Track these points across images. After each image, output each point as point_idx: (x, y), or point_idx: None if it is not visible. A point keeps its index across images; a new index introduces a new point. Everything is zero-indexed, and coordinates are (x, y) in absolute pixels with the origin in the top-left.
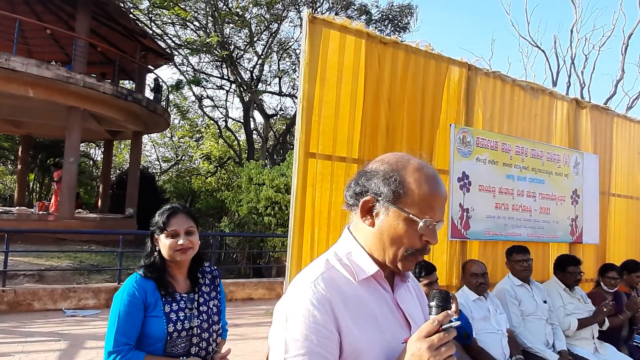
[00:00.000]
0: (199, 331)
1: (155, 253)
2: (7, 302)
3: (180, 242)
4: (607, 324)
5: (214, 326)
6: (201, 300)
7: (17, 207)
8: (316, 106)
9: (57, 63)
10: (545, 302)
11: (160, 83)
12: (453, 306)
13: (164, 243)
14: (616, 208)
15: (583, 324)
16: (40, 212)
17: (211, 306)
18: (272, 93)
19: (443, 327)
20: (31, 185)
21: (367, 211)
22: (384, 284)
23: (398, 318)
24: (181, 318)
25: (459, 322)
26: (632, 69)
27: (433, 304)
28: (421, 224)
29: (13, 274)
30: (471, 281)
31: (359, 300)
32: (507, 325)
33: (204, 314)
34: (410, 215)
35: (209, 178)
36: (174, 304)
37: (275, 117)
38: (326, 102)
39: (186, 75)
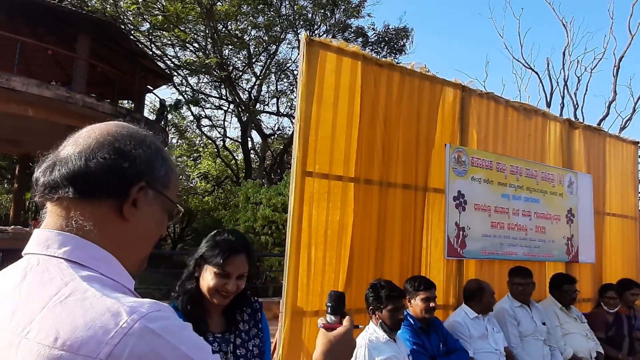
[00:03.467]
0: None
1: (193, 282)
2: None
3: (229, 287)
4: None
5: None
6: (238, 341)
7: (12, 227)
8: (313, 126)
9: (57, 83)
10: (544, 323)
11: (164, 106)
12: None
13: (208, 280)
14: (611, 227)
15: (610, 356)
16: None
17: (251, 347)
18: (270, 113)
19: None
20: (27, 204)
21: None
22: None
23: None
24: None
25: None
26: (624, 90)
27: (328, 303)
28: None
29: None
30: (491, 301)
31: None
32: (504, 344)
33: (241, 359)
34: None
35: (206, 197)
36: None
37: (272, 137)
38: (323, 121)
39: (185, 95)
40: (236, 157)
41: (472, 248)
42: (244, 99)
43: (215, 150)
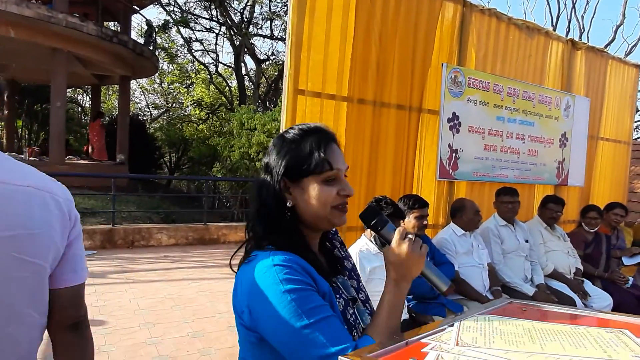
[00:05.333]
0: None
1: (287, 212)
2: None
3: (348, 190)
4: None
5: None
6: (354, 283)
7: (7, 154)
8: (305, 42)
9: (37, 1)
10: (527, 241)
11: (152, 27)
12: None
13: (319, 197)
14: (603, 152)
15: (587, 272)
16: (31, 158)
17: (364, 290)
18: (264, 37)
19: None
20: (20, 132)
21: None
22: None
23: None
24: (354, 317)
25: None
26: (633, 14)
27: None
28: None
29: None
30: (474, 219)
31: None
32: (488, 260)
33: (366, 304)
34: None
35: (201, 125)
36: (337, 297)
37: (267, 62)
38: (315, 37)
39: (173, 16)
40: (230, 84)
41: (464, 170)
42: (236, 21)
43: (208, 76)
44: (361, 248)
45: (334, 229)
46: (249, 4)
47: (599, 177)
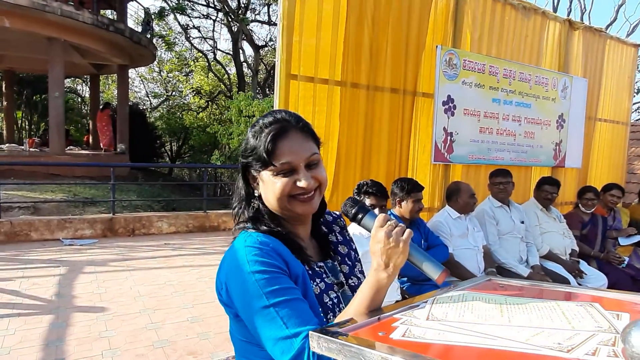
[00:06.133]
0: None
1: (255, 201)
2: (4, 233)
3: (302, 182)
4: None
5: None
6: (346, 268)
7: (7, 144)
8: (297, 26)
9: None
10: (522, 222)
11: (149, 15)
12: (376, 211)
13: (270, 189)
14: (601, 133)
15: (583, 252)
16: (32, 149)
17: (359, 275)
18: (261, 22)
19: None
20: (20, 123)
21: None
22: None
23: None
24: (334, 302)
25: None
26: None
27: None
28: None
29: (8, 206)
30: (469, 202)
31: None
32: (483, 242)
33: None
34: None
35: (201, 113)
36: (318, 280)
37: (265, 49)
38: (307, 21)
39: (170, 3)
40: (229, 71)
41: (459, 153)
42: (233, 7)
43: (207, 64)
44: (353, 232)
45: (336, 213)
46: None
47: (596, 158)
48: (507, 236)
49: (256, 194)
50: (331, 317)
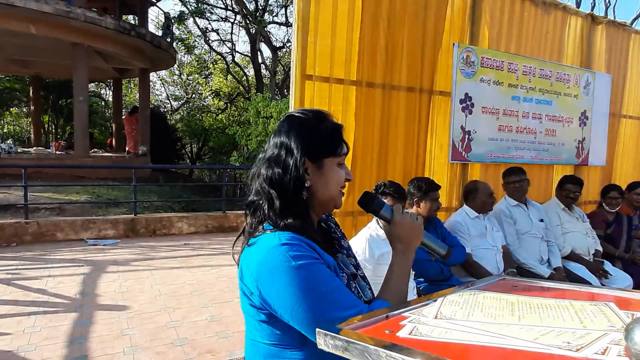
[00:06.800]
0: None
1: (304, 193)
2: (32, 233)
3: (349, 175)
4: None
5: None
6: (352, 261)
7: (34, 148)
8: (312, 26)
9: None
10: (541, 220)
11: (169, 19)
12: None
13: (334, 177)
14: (626, 130)
15: (607, 253)
16: (58, 152)
17: (362, 269)
18: (279, 24)
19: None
20: (46, 127)
21: None
22: None
23: None
24: (355, 292)
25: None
26: None
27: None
28: None
29: (35, 207)
30: (487, 202)
31: None
32: (502, 242)
33: (364, 281)
34: None
35: (220, 115)
36: (341, 273)
37: (283, 50)
38: (322, 21)
39: (188, 7)
40: (247, 73)
41: (478, 152)
42: (251, 10)
43: (226, 66)
44: (371, 233)
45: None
46: None
47: (621, 156)
48: (526, 235)
49: (307, 185)
50: None
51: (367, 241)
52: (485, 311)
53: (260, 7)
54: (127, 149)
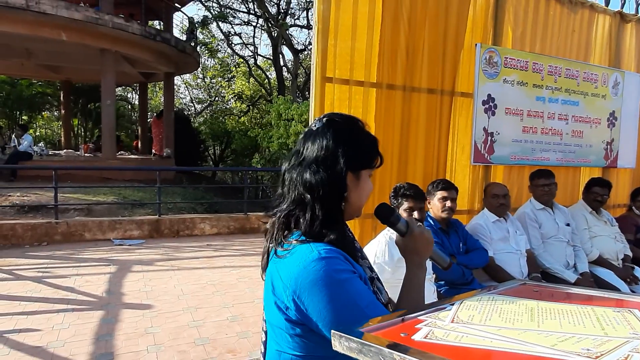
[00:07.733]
0: None
1: (343, 203)
2: (61, 233)
3: (371, 186)
4: None
5: None
6: (367, 263)
7: (64, 150)
8: (332, 28)
9: (85, 4)
10: (568, 224)
11: (193, 24)
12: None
13: (364, 186)
14: None
15: (637, 258)
16: (86, 154)
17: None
18: (300, 27)
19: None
20: (76, 130)
21: None
22: None
23: None
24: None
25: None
26: None
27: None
28: None
29: (64, 208)
30: (492, 203)
31: None
32: (526, 246)
33: (380, 282)
34: None
35: (242, 117)
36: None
37: (304, 53)
38: (342, 24)
39: (212, 11)
40: (269, 76)
41: (501, 154)
42: (273, 13)
43: (248, 69)
44: (391, 236)
45: None
46: None
47: None
48: (552, 240)
49: (345, 195)
50: None
51: (387, 244)
52: (503, 316)
53: (282, 11)
54: (153, 151)
